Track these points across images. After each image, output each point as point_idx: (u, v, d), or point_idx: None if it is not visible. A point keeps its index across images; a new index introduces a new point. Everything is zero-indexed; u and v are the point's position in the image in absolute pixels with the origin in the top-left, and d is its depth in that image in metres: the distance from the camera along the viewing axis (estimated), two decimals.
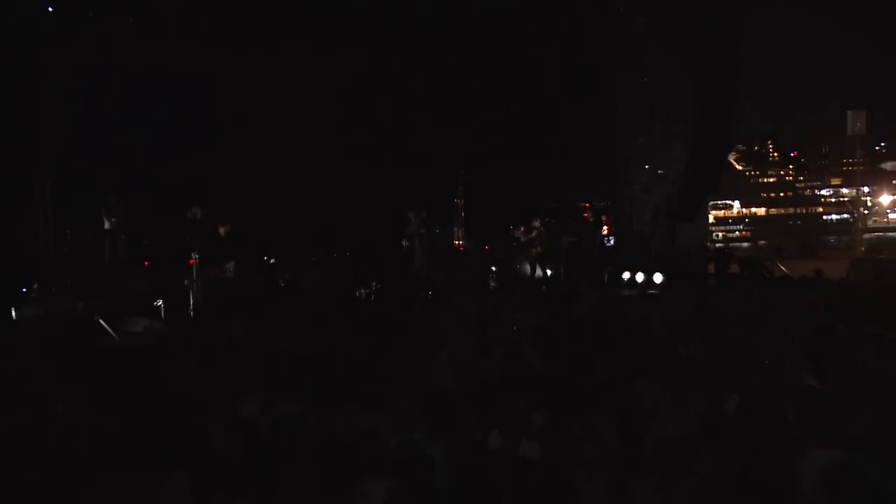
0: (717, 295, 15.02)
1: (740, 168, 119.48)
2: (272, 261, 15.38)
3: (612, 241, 18.33)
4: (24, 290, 12.74)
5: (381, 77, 16.64)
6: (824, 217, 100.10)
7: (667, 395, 5.83)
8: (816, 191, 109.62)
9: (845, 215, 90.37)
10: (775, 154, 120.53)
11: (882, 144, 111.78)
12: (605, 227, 18.59)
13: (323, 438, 4.86)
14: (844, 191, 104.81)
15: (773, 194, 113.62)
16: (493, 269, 18.06)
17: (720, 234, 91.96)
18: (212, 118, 15.11)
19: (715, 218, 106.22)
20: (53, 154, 13.52)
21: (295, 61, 16.14)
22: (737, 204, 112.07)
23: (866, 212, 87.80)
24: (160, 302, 12.45)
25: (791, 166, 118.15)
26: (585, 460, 4.15)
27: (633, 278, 16.76)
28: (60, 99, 13.63)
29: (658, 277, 16.34)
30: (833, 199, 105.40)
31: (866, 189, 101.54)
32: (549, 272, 17.04)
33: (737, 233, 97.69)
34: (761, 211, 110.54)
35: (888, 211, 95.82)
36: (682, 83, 16.23)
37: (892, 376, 6.37)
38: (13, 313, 11.70)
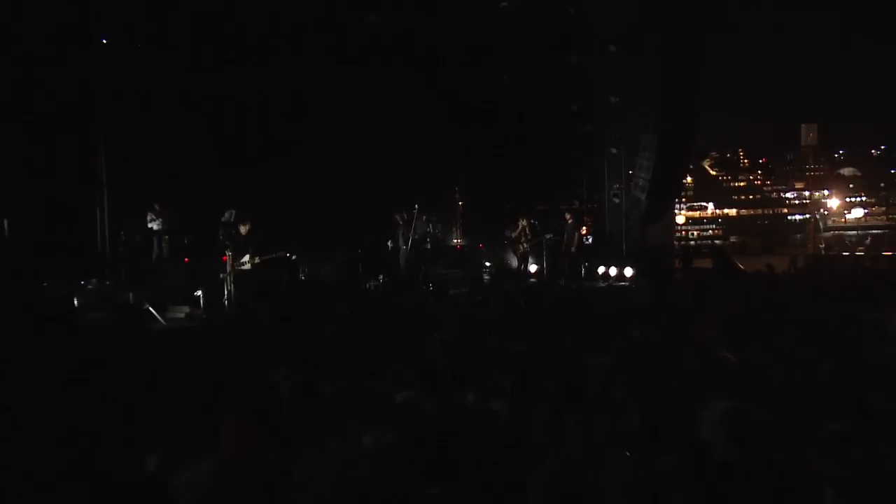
0: (680, 286, 15.32)
1: (714, 173, 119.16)
2: (293, 257, 15.21)
3: (590, 240, 18.27)
4: (83, 282, 12.84)
5: (392, 103, 16.74)
6: (789, 217, 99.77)
7: (617, 365, 6.46)
8: (782, 194, 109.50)
9: (807, 216, 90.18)
10: (745, 161, 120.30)
11: (841, 152, 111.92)
12: (584, 228, 18.43)
13: (336, 396, 5.38)
14: (806, 193, 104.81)
15: (742, 197, 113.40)
16: (487, 264, 18.23)
17: (695, 233, 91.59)
18: (243, 137, 15.28)
19: (691, 218, 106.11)
20: (109, 168, 13.53)
21: (318, 91, 16.15)
22: (711, 205, 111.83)
23: (826, 213, 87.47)
24: (199, 292, 12.69)
25: (759, 172, 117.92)
26: (537, 412, 4.75)
27: (606, 272, 16.89)
28: (115, 122, 13.71)
29: (628, 271, 16.51)
30: (797, 202, 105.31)
31: (826, 192, 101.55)
32: (533, 266, 17.28)
33: (710, 231, 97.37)
34: (732, 212, 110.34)
35: (845, 211, 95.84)
36: (649, 103, 16.15)
37: (802, 351, 6.98)
38: (75, 302, 11.91)
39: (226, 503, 3.47)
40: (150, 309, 11.72)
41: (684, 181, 20.08)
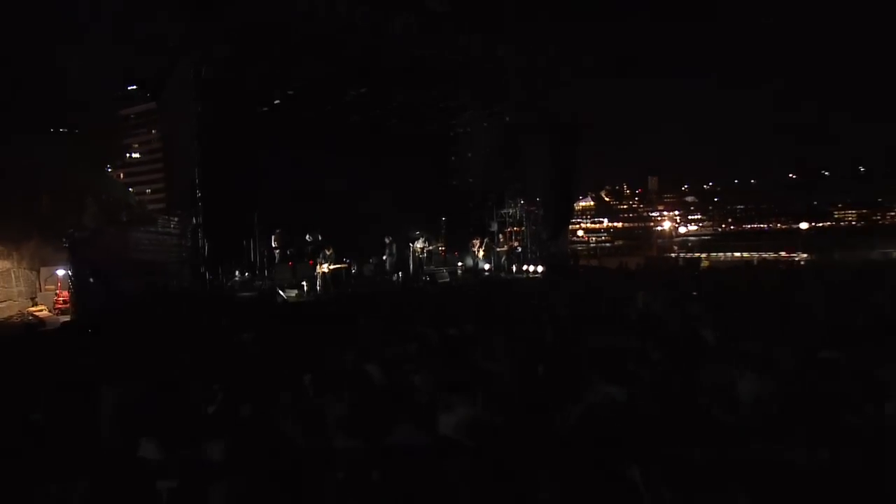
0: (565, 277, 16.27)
1: (607, 199, 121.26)
2: (347, 261, 15.45)
3: (519, 250, 18.96)
4: (233, 274, 13.94)
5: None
6: (654, 229, 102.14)
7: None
8: (649, 213, 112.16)
9: (665, 227, 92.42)
10: (628, 191, 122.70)
11: (686, 186, 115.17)
12: (516, 242, 19.31)
13: (391, 331, 7.49)
14: (665, 213, 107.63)
15: (625, 215, 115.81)
16: (459, 263, 18.24)
17: (593, 239, 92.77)
18: (322, 193, 15.12)
19: (592, 229, 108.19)
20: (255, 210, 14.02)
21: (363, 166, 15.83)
22: (605, 221, 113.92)
23: (677, 226, 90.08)
24: (304, 282, 13.63)
25: (636, 198, 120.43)
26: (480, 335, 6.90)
27: (528, 269, 17.66)
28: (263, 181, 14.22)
29: (540, 269, 17.48)
30: (659, 218, 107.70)
31: (677, 213, 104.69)
32: (485, 265, 17.79)
33: (603, 237, 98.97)
34: (619, 225, 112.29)
35: (684, 225, 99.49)
36: (550, 174, 17.75)
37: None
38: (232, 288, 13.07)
39: None
40: (279, 290, 12.84)
41: (572, 217, 21.35)
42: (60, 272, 16.33)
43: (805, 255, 23.75)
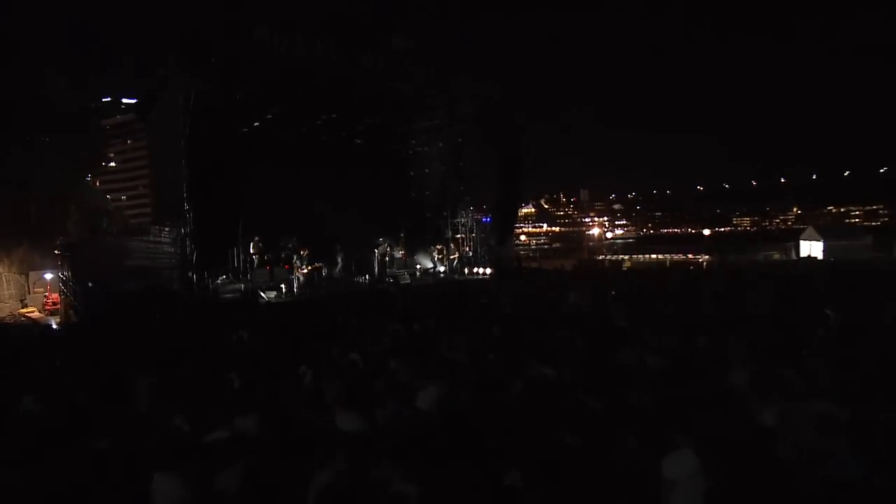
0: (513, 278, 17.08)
1: (546, 207, 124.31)
2: (318, 264, 15.36)
3: (470, 254, 19.07)
4: (219, 279, 13.68)
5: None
6: (587, 233, 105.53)
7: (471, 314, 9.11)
8: (583, 219, 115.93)
9: (595, 231, 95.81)
10: (564, 199, 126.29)
11: (613, 195, 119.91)
12: (467, 247, 19.35)
13: (359, 327, 7.96)
14: (597, 219, 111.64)
15: (561, 221, 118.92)
16: (418, 266, 18.40)
17: (533, 242, 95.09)
18: (297, 206, 14.90)
19: (533, 233, 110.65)
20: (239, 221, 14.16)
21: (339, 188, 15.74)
22: (545, 226, 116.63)
23: (605, 231, 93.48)
24: (282, 285, 13.65)
25: (571, 206, 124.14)
26: (440, 328, 7.61)
27: (477, 271, 18.03)
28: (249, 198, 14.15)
29: (488, 270, 17.80)
30: (591, 223, 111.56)
31: (606, 219, 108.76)
32: (441, 267, 18.24)
33: (542, 240, 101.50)
34: (556, 229, 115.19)
35: (612, 230, 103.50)
36: (496, 185, 18.07)
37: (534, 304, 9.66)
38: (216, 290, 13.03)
39: None
40: (260, 292, 12.94)
41: (515, 225, 21.94)
42: (48, 276, 15.90)
43: (707, 257, 25.58)
